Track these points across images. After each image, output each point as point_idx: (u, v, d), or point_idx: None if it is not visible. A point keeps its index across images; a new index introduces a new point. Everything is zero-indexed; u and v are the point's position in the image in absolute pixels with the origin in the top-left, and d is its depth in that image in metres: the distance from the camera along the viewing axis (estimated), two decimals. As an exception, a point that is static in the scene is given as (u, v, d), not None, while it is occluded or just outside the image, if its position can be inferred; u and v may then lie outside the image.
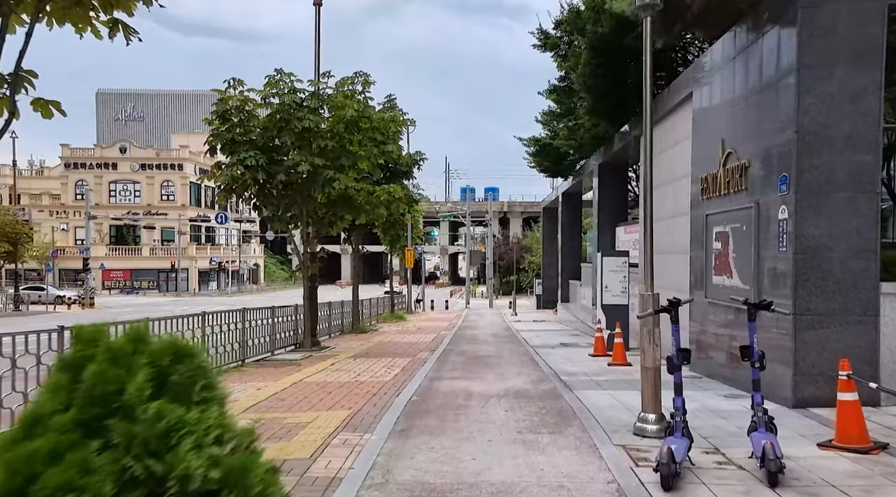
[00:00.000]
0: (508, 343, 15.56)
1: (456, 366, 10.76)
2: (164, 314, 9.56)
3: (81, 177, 62.65)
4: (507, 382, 8.81)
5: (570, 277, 26.93)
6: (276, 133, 13.29)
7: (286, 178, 13.11)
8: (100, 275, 59.70)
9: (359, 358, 12.25)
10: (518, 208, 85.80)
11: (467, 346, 14.45)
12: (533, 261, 46.28)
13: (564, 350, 13.54)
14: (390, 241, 27.65)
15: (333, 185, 13.23)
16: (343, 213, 14.74)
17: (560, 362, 11.19)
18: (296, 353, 13.34)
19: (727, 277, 8.39)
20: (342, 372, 10.11)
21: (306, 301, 14.17)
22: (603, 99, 13.98)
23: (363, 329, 19.28)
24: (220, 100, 13.03)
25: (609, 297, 13.24)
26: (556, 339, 16.63)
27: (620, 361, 10.58)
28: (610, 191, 18.04)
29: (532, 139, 21.89)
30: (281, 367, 10.79)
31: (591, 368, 10.33)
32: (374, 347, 14.43)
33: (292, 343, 14.23)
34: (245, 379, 9.43)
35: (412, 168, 20.84)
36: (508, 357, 12.14)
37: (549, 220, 35.00)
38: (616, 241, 17.88)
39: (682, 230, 10.64)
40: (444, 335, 17.86)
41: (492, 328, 21.06)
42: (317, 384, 8.79)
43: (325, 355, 12.85)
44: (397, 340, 16.22)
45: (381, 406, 7.11)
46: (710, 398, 7.47)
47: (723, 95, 8.85)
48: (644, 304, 5.88)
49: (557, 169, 22.34)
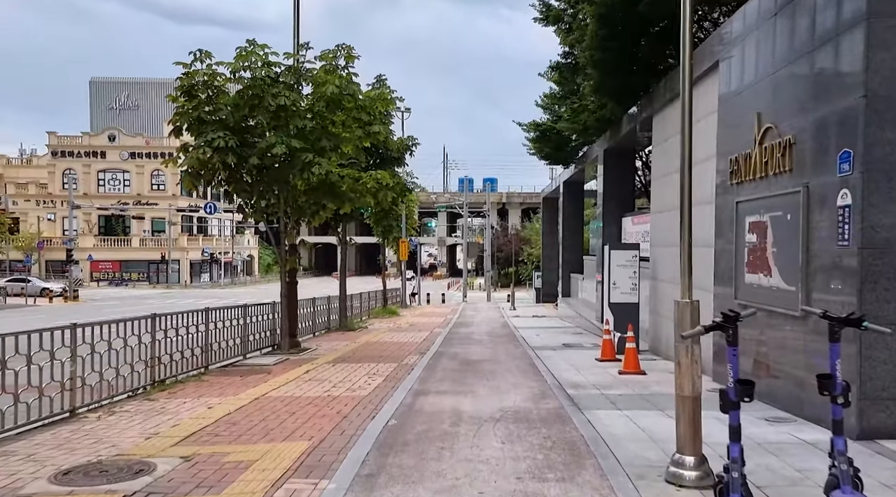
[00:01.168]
0: (506, 343, 14.29)
1: (446, 374, 9.48)
2: (113, 317, 8.29)
3: (69, 165, 61.13)
4: (504, 398, 7.53)
5: (571, 270, 25.66)
6: (249, 112, 11.92)
7: (260, 161, 11.76)
8: (88, 266, 58.36)
9: (339, 363, 10.97)
10: (517, 199, 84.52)
11: (461, 348, 13.17)
12: (532, 253, 45.02)
13: (567, 353, 12.28)
14: (382, 231, 26.39)
15: (313, 169, 11.89)
16: (325, 202, 13.38)
17: (564, 369, 9.92)
18: (271, 356, 12.05)
19: (764, 275, 7.09)
20: (315, 382, 8.82)
21: (284, 299, 12.86)
22: (610, 76, 12.63)
23: (351, 326, 18.01)
24: (185, 74, 11.65)
25: (617, 294, 11.96)
26: (558, 338, 15.36)
27: (633, 369, 9.31)
28: (616, 179, 16.71)
29: (532, 124, 20.51)
30: (248, 376, 9.50)
31: (599, 378, 9.05)
32: (359, 349, 13.15)
33: (269, 344, 12.95)
34: (201, 392, 8.14)
35: (404, 154, 19.48)
36: (506, 362, 10.86)
37: (550, 211, 33.68)
38: (622, 233, 16.59)
39: (703, 221, 9.34)
40: (438, 334, 16.60)
41: (489, 325, 19.80)
42: (282, 400, 7.50)
43: (302, 359, 11.56)
44: (386, 340, 14.95)
45: (350, 434, 5.82)
46: (750, 423, 6.17)
47: (759, 61, 7.52)
48: (681, 315, 4.57)
49: (559, 156, 20.98)
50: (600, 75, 12.75)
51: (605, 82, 12.98)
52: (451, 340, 14.89)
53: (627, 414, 6.63)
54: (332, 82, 12.14)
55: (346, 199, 13.62)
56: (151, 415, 6.75)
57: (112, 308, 29.92)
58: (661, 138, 11.67)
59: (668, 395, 7.56)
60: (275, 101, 11.63)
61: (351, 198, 13.70)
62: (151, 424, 6.29)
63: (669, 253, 11.04)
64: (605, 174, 16.78)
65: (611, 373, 9.49)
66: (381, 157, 18.90)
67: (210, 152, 11.45)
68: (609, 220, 16.81)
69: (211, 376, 9.46)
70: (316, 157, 12.01)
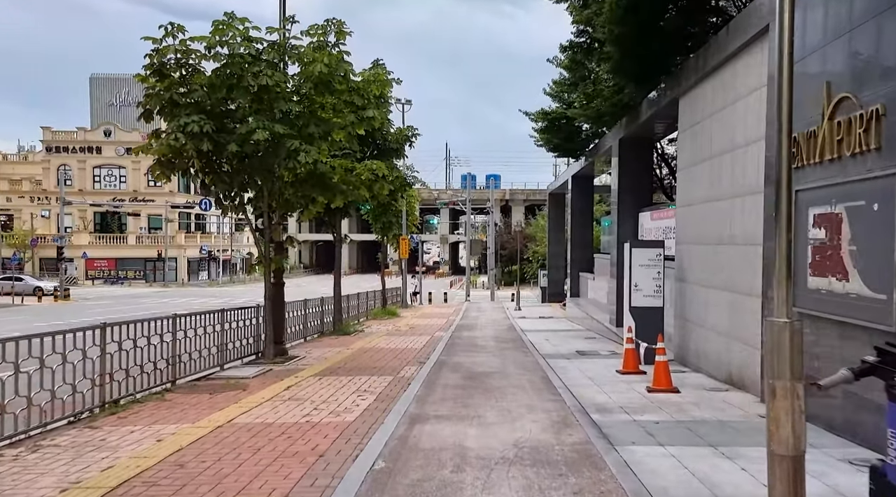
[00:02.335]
0: (514, 350, 13.01)
1: (447, 392, 8.19)
2: (60, 328, 6.99)
3: (64, 161, 59.93)
4: (518, 427, 6.25)
5: (580, 269, 24.35)
6: (226, 93, 10.65)
7: (239, 149, 10.48)
8: (83, 264, 57.20)
9: (327, 375, 9.70)
10: (520, 196, 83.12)
11: (464, 357, 11.89)
12: (538, 251, 43.69)
13: (583, 362, 10.99)
14: (382, 228, 25.15)
15: (299, 158, 10.62)
16: (314, 195, 12.12)
17: (583, 384, 8.64)
18: (252, 366, 10.79)
19: (838, 279, 5.79)
20: (295, 403, 7.55)
21: (268, 302, 11.60)
22: (630, 54, 11.30)
23: (346, 330, 16.73)
24: (154, 50, 10.37)
25: (639, 297, 10.66)
26: (570, 343, 14.08)
27: (664, 386, 8.01)
28: (632, 171, 15.39)
29: (540, 113, 19.15)
30: (219, 393, 8.23)
31: (626, 397, 7.76)
32: (352, 358, 11.88)
33: (253, 352, 11.70)
34: (158, 415, 6.88)
35: (403, 145, 18.16)
36: (516, 375, 9.58)
37: (556, 207, 32.37)
38: (639, 230, 15.29)
39: (746, 214, 8.05)
40: (439, 338, 15.32)
41: (494, 328, 18.52)
42: (248, 430, 6.23)
43: (286, 370, 10.30)
44: (382, 346, 13.67)
45: (323, 485, 4.55)
46: (833, 468, 4.89)
47: (829, 18, 6.21)
48: (778, 340, 3.24)
49: (568, 147, 19.62)
50: (619, 53, 11.42)
51: (624, 62, 11.66)
52: (453, 346, 13.61)
53: (672, 452, 5.33)
54: (321, 60, 10.85)
55: (338, 191, 12.34)
56: (85, 451, 5.49)
57: (104, 308, 28.71)
58: (690, 122, 10.36)
59: (713, 422, 6.27)
60: (256, 81, 10.36)
61: (343, 190, 12.43)
62: (78, 466, 5.03)
63: (700, 251, 9.74)
64: (621, 166, 15.45)
65: (637, 390, 8.20)
66: (378, 148, 17.63)
67: (183, 138, 10.20)
68: (624, 215, 15.50)
69: (177, 394, 8.19)
70: (303, 145, 10.74)
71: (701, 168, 9.82)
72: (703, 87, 9.75)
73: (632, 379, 9.09)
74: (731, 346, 8.42)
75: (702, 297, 9.62)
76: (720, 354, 8.81)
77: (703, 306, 9.57)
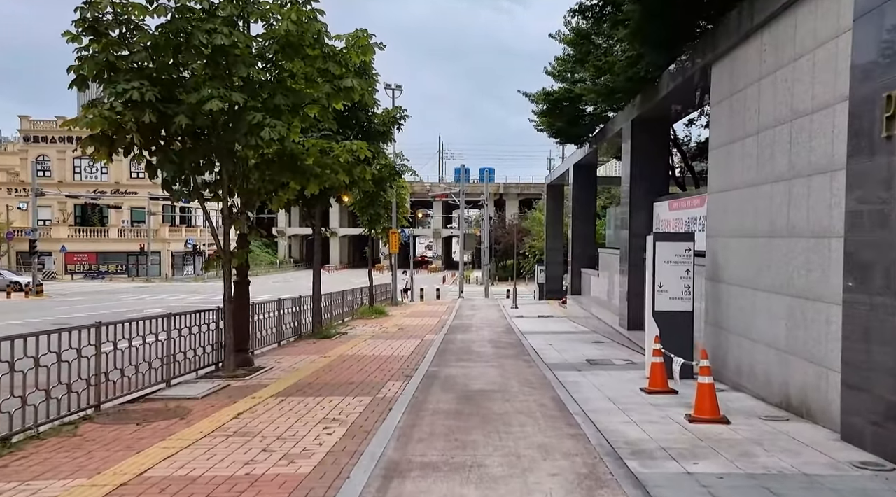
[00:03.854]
0: (514, 358, 11.36)
1: (437, 423, 6.52)
2: None
3: (42, 152, 57.74)
4: (532, 487, 4.59)
5: (582, 265, 22.74)
6: (173, 55, 8.90)
7: (190, 121, 8.73)
8: (62, 258, 55.15)
9: (293, 394, 8.01)
10: (515, 190, 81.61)
11: (458, 368, 10.23)
12: (534, 245, 42.07)
13: (597, 375, 9.36)
14: (369, 221, 23.43)
15: (262, 134, 8.89)
16: (283, 179, 10.41)
17: (605, 409, 7.00)
18: (206, 381, 9.08)
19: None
20: (241, 439, 5.86)
21: (228, 304, 9.88)
22: (655, 16, 9.64)
23: (326, 333, 15.03)
24: (87, 3, 8.59)
25: (665, 300, 9.02)
26: (577, 349, 12.45)
27: (710, 415, 6.37)
28: (646, 155, 13.73)
29: (541, 94, 17.42)
30: (149, 423, 6.53)
31: (664, 430, 6.12)
32: (328, 368, 10.20)
33: (212, 362, 10.01)
34: (52, 461, 5.16)
35: (391, 128, 16.42)
36: (521, 396, 7.92)
37: (554, 200, 30.73)
38: (654, 222, 13.65)
39: (813, 199, 6.41)
40: (430, 342, 13.66)
41: (490, 329, 16.87)
42: (162, 490, 4.53)
43: (246, 387, 8.60)
44: (365, 353, 11.99)
45: None
46: None
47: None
48: None
49: (572, 132, 17.91)
50: (641, 15, 9.75)
51: (644, 25, 9.99)
52: (445, 353, 11.95)
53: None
54: (289, 17, 9.12)
55: (312, 175, 10.62)
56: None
57: (73, 305, 26.89)
58: (727, 91, 8.70)
59: (797, 477, 4.62)
60: (209, 40, 8.61)
61: (317, 174, 10.69)
62: None
63: (743, 246, 8.10)
64: (633, 150, 13.79)
65: (674, 418, 6.57)
66: (363, 131, 15.88)
67: (120, 108, 8.46)
68: (637, 205, 13.85)
69: (95, 424, 6.48)
70: (268, 119, 9.00)
71: (743, 145, 8.18)
72: (747, 47, 8.09)
73: (662, 401, 7.46)
74: (788, 363, 6.80)
75: (744, 300, 7.99)
76: (771, 372, 7.18)
77: (745, 312, 7.95)
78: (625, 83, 12.21)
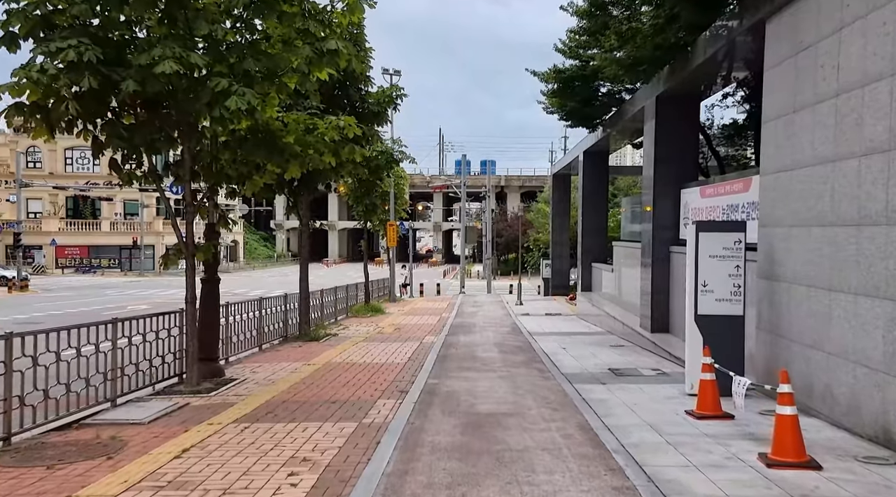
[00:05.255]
0: (525, 366, 9.89)
1: (437, 468, 5.04)
2: None
3: (33, 142, 56.08)
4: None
5: (593, 259, 21.23)
6: (119, 6, 7.37)
7: (140, 87, 7.20)
8: (52, 252, 53.70)
9: (260, 420, 6.54)
10: (516, 182, 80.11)
11: (461, 380, 8.75)
12: (539, 238, 40.51)
13: (626, 389, 7.88)
14: (364, 212, 21.96)
15: (227, 103, 7.37)
16: (258, 159, 8.88)
17: (650, 443, 5.52)
18: (161, 399, 7.61)
19: None
20: (175, 494, 4.39)
21: (191, 306, 8.39)
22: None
23: (315, 334, 13.56)
24: (12, -58, 7.06)
25: (709, 301, 7.54)
26: (595, 354, 10.99)
27: (795, 458, 4.88)
28: (673, 136, 12.19)
29: (552, 72, 15.85)
30: (65, 465, 5.06)
31: (737, 480, 4.64)
32: (310, 380, 8.73)
33: (174, 374, 8.56)
34: None
35: (386, 109, 14.88)
36: (540, 422, 6.44)
37: (561, 190, 29.20)
38: (683, 211, 12.14)
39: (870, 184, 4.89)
40: (430, 346, 12.20)
41: (495, 329, 15.40)
42: None
43: (205, 407, 7.14)
44: (354, 360, 10.52)
45: None
46: None
47: None
48: None
49: (585, 113, 16.33)
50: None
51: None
52: (447, 360, 10.48)
53: None
54: (259, -37, 7.60)
55: (291, 155, 9.13)
56: None
57: (58, 301, 25.46)
58: (789, 49, 7.17)
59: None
60: (161, -11, 7.11)
61: (298, 154, 9.21)
62: None
63: (812, 237, 6.60)
64: (658, 131, 12.26)
65: (743, 457, 5.09)
66: (355, 111, 14.34)
67: (55, 71, 6.94)
68: (661, 192, 12.33)
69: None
70: (234, 85, 7.47)
71: (813, 113, 6.66)
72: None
73: (718, 430, 5.98)
74: (888, 386, 5.31)
75: (814, 304, 6.50)
76: (860, 396, 5.70)
77: (817, 318, 6.46)
78: (651, 53, 10.68)
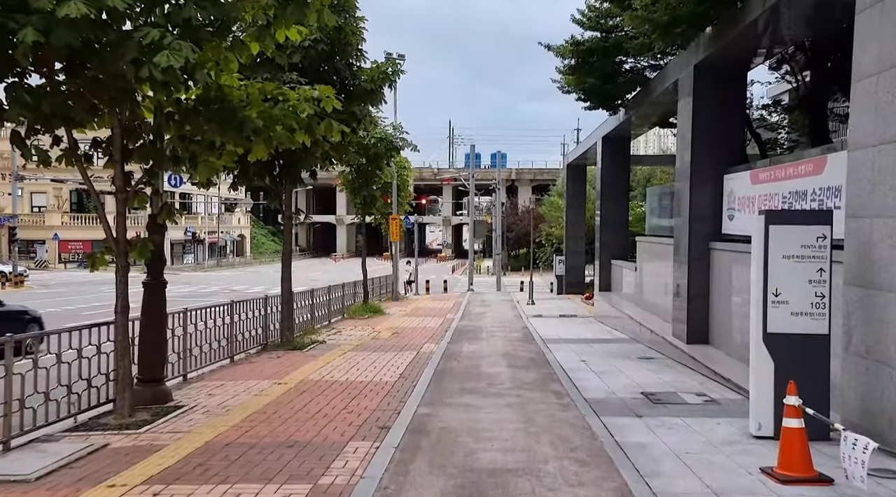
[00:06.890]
0: (541, 390, 8.16)
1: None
2: None
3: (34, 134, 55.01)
4: None
5: (612, 256, 19.42)
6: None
7: (42, 38, 5.51)
8: (55, 246, 52.64)
9: (182, 479, 4.87)
10: (527, 176, 78.09)
11: (460, 412, 7.03)
12: (552, 233, 38.65)
13: (673, 429, 6.13)
14: (362, 205, 20.29)
15: (157, 59, 5.67)
16: (211, 137, 7.17)
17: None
18: (74, 439, 5.97)
19: None
20: None
21: (122, 317, 6.74)
22: None
23: (299, 342, 11.91)
24: None
25: (783, 316, 5.77)
26: (623, 371, 9.24)
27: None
28: (716, 113, 10.36)
29: (568, 45, 13.97)
30: None
31: None
32: (274, 408, 7.05)
33: (107, 400, 6.94)
34: None
35: (381, 87, 13.13)
36: (562, 487, 4.71)
37: (576, 181, 27.37)
38: (727, 200, 10.31)
39: None
40: (428, 357, 10.52)
41: (504, 336, 13.67)
42: None
43: (125, 453, 5.48)
44: (336, 377, 8.84)
45: None
46: None
47: None
48: None
49: (605, 90, 14.40)
50: None
51: None
52: (445, 378, 8.77)
53: None
54: None
55: (254, 132, 7.40)
56: None
57: (52, 298, 24.09)
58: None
59: None
60: None
61: (261, 130, 7.48)
62: None
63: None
64: (697, 106, 10.44)
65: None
66: (346, 90, 12.63)
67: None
68: (700, 179, 10.51)
69: None
70: (169, 38, 5.77)
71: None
72: None
73: None
74: None
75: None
76: None
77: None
78: (693, 8, 8.83)
